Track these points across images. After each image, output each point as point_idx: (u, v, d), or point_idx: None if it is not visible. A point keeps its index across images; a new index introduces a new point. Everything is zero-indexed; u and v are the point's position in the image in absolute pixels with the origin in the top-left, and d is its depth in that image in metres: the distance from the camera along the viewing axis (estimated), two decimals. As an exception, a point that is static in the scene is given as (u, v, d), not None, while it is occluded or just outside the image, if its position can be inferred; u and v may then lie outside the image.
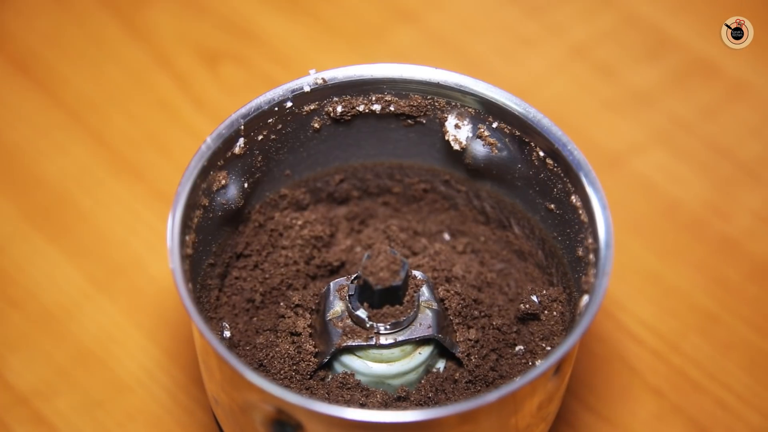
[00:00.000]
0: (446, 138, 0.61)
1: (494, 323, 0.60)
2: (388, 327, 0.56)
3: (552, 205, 0.60)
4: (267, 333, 0.61)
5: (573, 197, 0.57)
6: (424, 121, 0.61)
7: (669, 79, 0.88)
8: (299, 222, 0.65)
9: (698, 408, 0.73)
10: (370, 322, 0.56)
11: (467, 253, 0.66)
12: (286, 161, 0.62)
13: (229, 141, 0.57)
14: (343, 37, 0.94)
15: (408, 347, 0.58)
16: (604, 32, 0.91)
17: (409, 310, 0.56)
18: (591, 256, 0.56)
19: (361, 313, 0.56)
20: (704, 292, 0.78)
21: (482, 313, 0.61)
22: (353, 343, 0.57)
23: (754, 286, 0.78)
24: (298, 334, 0.60)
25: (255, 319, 0.63)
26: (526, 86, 0.89)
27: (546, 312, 0.60)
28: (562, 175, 0.58)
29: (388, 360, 0.58)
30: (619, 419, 0.73)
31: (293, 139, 0.61)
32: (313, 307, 0.61)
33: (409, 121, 0.62)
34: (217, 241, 0.61)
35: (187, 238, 0.55)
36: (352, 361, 0.58)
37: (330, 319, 0.58)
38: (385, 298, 0.56)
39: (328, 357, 0.58)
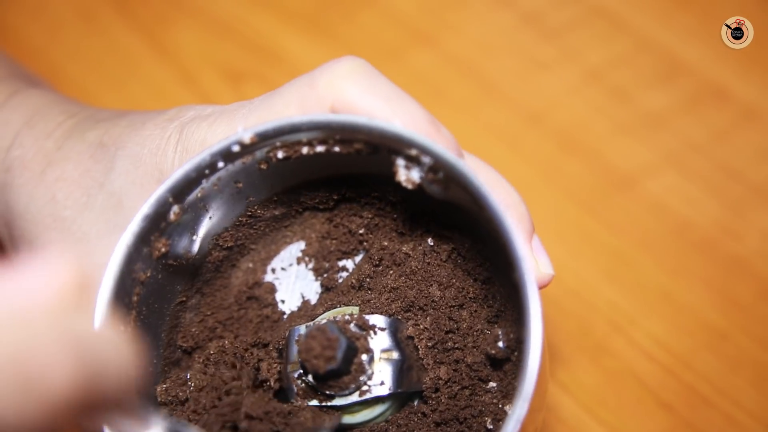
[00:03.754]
0: (397, 178, 0.55)
1: (467, 360, 0.57)
2: (340, 393, 0.55)
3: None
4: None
5: (516, 274, 0.50)
6: (378, 155, 0.55)
7: (681, 103, 0.89)
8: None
9: (708, 423, 0.74)
10: (320, 390, 0.55)
11: (451, 261, 0.61)
12: (241, 193, 0.59)
13: (157, 217, 0.55)
14: (363, 58, 0.95)
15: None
16: (618, 57, 0.92)
17: (358, 377, 0.54)
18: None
19: (311, 379, 0.55)
20: (715, 310, 0.79)
21: (456, 345, 0.58)
22: (308, 404, 0.56)
23: (763, 305, 0.79)
24: (266, 381, 0.58)
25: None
26: (541, 109, 0.90)
27: (516, 353, 0.57)
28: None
29: (350, 413, 0.56)
30: (631, 433, 0.74)
31: (242, 175, 0.57)
32: (280, 349, 0.59)
33: (362, 154, 0.56)
34: (180, 283, 0.60)
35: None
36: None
37: (290, 372, 0.57)
38: (327, 375, 0.54)
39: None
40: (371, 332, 0.56)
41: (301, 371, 0.55)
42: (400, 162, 0.54)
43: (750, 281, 0.80)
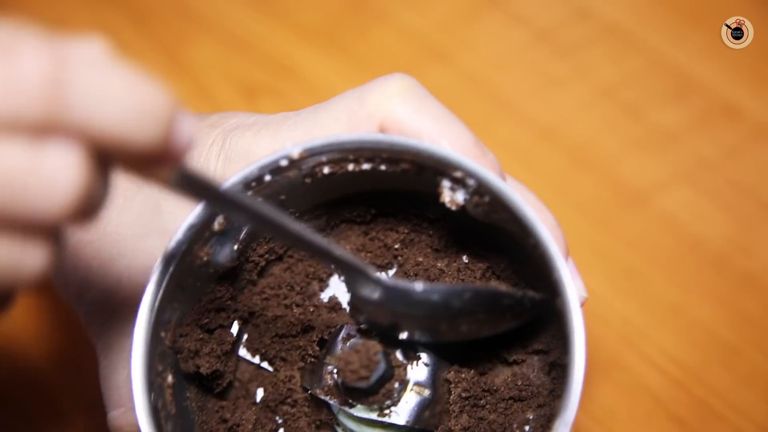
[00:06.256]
0: (441, 199, 0.55)
1: (490, 419, 0.58)
2: (361, 405, 0.56)
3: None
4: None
5: (558, 301, 0.51)
6: (423, 176, 0.56)
7: (693, 120, 0.90)
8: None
9: (719, 437, 0.74)
10: (344, 395, 0.56)
11: (485, 279, 0.62)
12: (282, 204, 0.58)
13: (202, 227, 0.55)
14: (377, 74, 0.94)
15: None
16: (630, 74, 0.93)
17: (383, 400, 0.55)
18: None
19: (340, 381, 0.56)
20: (726, 325, 0.79)
21: (486, 405, 0.58)
22: (328, 400, 0.57)
23: (775, 321, 0.79)
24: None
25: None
26: (554, 125, 0.91)
27: None
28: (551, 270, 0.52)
29: (365, 424, 0.57)
30: (643, 446, 0.74)
31: (286, 188, 0.57)
32: (326, 338, 0.60)
33: (408, 173, 0.56)
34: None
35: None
36: (333, 408, 0.58)
37: (326, 362, 0.58)
38: (355, 390, 0.55)
39: (309, 392, 0.59)
40: (414, 362, 0.57)
41: (336, 370, 0.56)
42: (446, 183, 0.55)
43: (761, 297, 0.80)
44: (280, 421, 0.61)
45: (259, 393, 0.62)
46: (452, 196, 0.55)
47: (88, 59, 0.37)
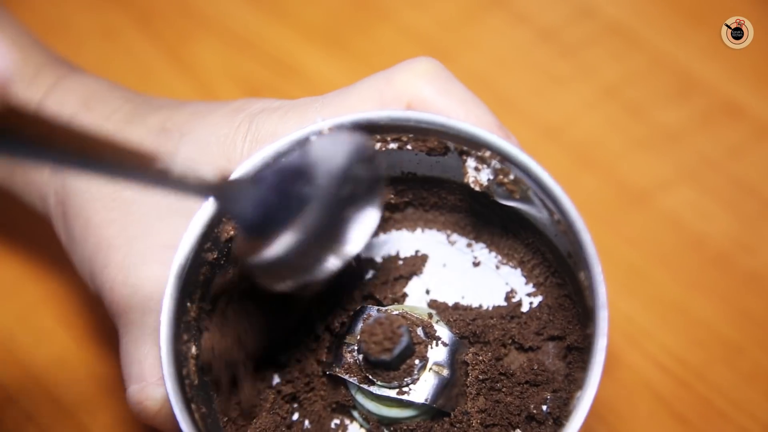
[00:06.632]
0: (465, 180, 0.57)
1: (506, 402, 0.58)
2: (381, 383, 0.56)
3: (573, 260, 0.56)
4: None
5: (581, 274, 0.54)
6: (447, 156, 0.58)
7: (696, 119, 0.90)
8: None
9: (723, 436, 0.74)
10: (365, 372, 0.57)
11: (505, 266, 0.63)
12: None
13: None
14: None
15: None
16: (633, 73, 0.93)
17: (403, 377, 0.55)
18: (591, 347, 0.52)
19: (360, 358, 0.56)
20: (729, 323, 0.79)
21: (503, 388, 0.59)
22: (348, 378, 0.57)
23: (778, 319, 0.79)
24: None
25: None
26: (557, 124, 0.91)
27: (553, 424, 0.58)
28: (573, 248, 0.54)
29: (383, 404, 0.58)
30: (646, 445, 0.74)
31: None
32: (345, 321, 0.61)
33: (433, 153, 0.58)
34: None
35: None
36: (351, 388, 0.59)
37: (346, 342, 0.58)
38: (377, 363, 0.55)
39: (327, 372, 0.59)
40: (434, 342, 0.57)
41: (356, 348, 0.56)
42: (471, 163, 0.56)
43: (764, 295, 0.80)
44: (295, 405, 0.61)
45: (275, 377, 0.62)
46: (476, 176, 0.56)
47: None
